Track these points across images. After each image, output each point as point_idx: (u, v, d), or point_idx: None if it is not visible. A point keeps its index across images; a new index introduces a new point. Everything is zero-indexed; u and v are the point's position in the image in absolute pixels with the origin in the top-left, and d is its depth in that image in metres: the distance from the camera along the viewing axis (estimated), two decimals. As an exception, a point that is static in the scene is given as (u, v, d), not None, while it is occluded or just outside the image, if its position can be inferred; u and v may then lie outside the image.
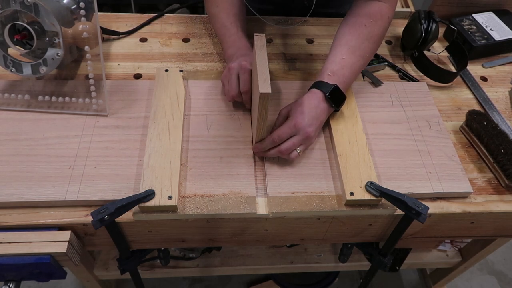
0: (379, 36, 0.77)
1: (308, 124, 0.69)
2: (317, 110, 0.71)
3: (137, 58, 0.91)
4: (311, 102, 0.71)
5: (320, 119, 0.72)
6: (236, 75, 0.76)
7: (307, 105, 0.70)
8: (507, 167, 0.72)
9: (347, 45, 0.75)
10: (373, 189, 0.66)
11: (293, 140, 0.69)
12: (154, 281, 1.42)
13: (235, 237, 0.75)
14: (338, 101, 0.73)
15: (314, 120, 0.70)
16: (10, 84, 0.81)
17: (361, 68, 0.77)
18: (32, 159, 0.70)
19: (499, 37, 0.98)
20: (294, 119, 0.69)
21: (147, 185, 0.65)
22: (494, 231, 0.80)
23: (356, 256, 1.14)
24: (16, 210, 0.66)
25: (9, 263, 0.63)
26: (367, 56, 0.77)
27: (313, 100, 0.71)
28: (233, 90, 0.76)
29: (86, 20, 0.73)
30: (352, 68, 0.75)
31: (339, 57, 0.75)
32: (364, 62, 0.77)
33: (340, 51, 0.75)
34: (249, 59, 0.76)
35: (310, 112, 0.70)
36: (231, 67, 0.76)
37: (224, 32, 0.85)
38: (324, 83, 0.72)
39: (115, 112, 0.79)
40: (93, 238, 0.71)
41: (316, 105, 0.71)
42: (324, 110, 0.72)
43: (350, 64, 0.74)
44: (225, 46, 0.84)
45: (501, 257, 1.57)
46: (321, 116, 0.72)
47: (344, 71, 0.74)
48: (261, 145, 0.71)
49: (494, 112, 0.86)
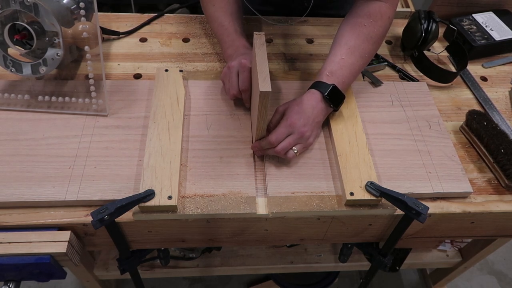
0: (379, 36, 0.77)
1: (303, 124, 0.69)
2: (314, 111, 0.71)
3: (137, 58, 0.91)
4: (309, 103, 0.71)
5: (317, 119, 0.72)
6: (236, 73, 0.76)
7: (304, 105, 0.70)
8: (507, 167, 0.72)
9: (347, 45, 0.75)
10: (373, 189, 0.66)
11: (289, 139, 0.69)
12: (154, 281, 1.42)
13: (235, 237, 0.75)
14: (336, 101, 0.73)
15: (309, 120, 0.70)
16: (10, 84, 0.81)
17: (360, 68, 0.77)
18: (32, 159, 0.70)
19: (499, 37, 0.98)
20: (290, 118, 0.69)
21: (147, 185, 0.65)
22: (494, 231, 0.80)
23: (356, 256, 1.14)
24: (16, 210, 0.66)
25: (9, 263, 0.63)
26: (366, 56, 0.76)
27: (311, 101, 0.71)
28: (234, 88, 0.76)
29: (86, 20, 0.73)
30: (351, 68, 0.75)
31: (338, 57, 0.75)
32: (364, 62, 0.77)
33: (340, 51, 0.75)
34: (248, 58, 0.76)
35: (306, 112, 0.70)
36: (231, 66, 0.76)
37: (222, 32, 0.84)
38: (323, 83, 0.72)
39: (115, 112, 0.79)
40: (93, 238, 0.70)
41: (314, 105, 0.71)
42: (322, 110, 0.72)
43: (349, 64, 0.74)
44: (224, 46, 0.84)
45: (501, 257, 1.57)
46: (318, 116, 0.72)
47: (343, 71, 0.74)
48: (259, 144, 0.71)
49: (494, 112, 0.86)
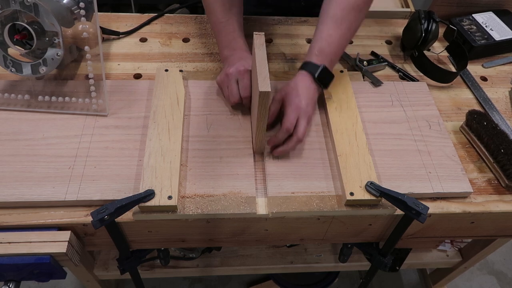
0: (365, 2, 0.77)
1: (306, 104, 0.72)
2: (310, 91, 0.74)
3: (137, 58, 0.91)
4: (303, 84, 0.74)
5: (314, 98, 0.76)
6: (235, 80, 0.76)
7: (300, 88, 0.73)
8: (507, 167, 0.72)
9: (333, 18, 0.76)
10: (373, 189, 0.66)
11: (302, 123, 0.72)
12: (154, 281, 1.42)
13: (235, 237, 0.75)
14: (326, 82, 0.77)
15: (310, 100, 0.74)
16: (10, 84, 0.81)
17: (348, 40, 0.78)
18: (32, 159, 0.70)
19: (499, 37, 0.98)
20: (293, 103, 0.72)
21: (147, 185, 0.65)
22: (494, 231, 0.80)
23: (356, 256, 1.14)
24: (16, 210, 0.66)
25: (9, 263, 0.63)
26: (353, 27, 0.78)
27: (305, 82, 0.74)
28: (234, 96, 0.76)
29: (86, 20, 0.73)
30: (339, 43, 0.77)
31: (325, 33, 0.76)
32: (351, 34, 0.79)
33: (326, 26, 0.76)
34: (246, 63, 0.76)
35: (304, 93, 0.73)
36: (229, 73, 0.76)
37: (220, 29, 0.83)
38: (313, 64, 0.75)
39: (115, 112, 0.79)
40: (93, 238, 0.70)
41: (308, 86, 0.74)
42: (315, 90, 0.76)
43: (337, 39, 0.76)
44: (221, 45, 0.84)
45: (501, 257, 1.57)
46: (314, 95, 0.76)
47: (331, 48, 0.76)
48: (276, 138, 0.72)
49: (494, 112, 0.86)
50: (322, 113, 0.82)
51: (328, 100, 0.81)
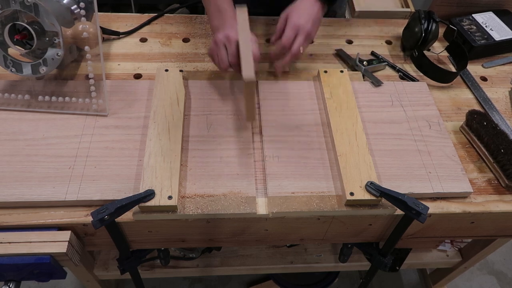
0: None
1: (305, 20, 0.76)
2: (313, 8, 0.78)
3: (137, 58, 0.91)
4: (306, 3, 0.79)
5: (317, 16, 0.80)
6: (223, 47, 0.76)
7: (303, 7, 0.78)
8: (507, 167, 0.72)
9: None
10: (373, 189, 0.66)
11: (299, 39, 0.76)
12: (154, 281, 1.42)
13: (235, 237, 0.75)
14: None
15: (310, 17, 0.77)
16: (10, 84, 0.81)
17: None
18: (32, 159, 0.70)
19: (499, 37, 0.98)
20: (293, 21, 0.76)
21: (147, 185, 0.65)
22: (494, 231, 0.80)
23: (356, 256, 1.14)
24: (16, 210, 0.66)
25: (9, 263, 0.63)
26: None
27: (308, 1, 0.79)
28: (224, 63, 0.77)
29: (86, 20, 0.73)
30: None
31: None
32: None
33: None
34: (234, 29, 0.76)
35: (306, 10, 0.77)
36: (218, 40, 0.77)
37: (209, 1, 0.83)
38: None
39: (115, 112, 0.79)
40: (93, 238, 0.71)
41: (312, 3, 0.79)
42: (320, 7, 0.80)
43: None
44: (211, 17, 0.83)
45: (501, 257, 1.57)
46: (318, 14, 0.79)
47: None
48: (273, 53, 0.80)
49: (494, 112, 0.86)
50: (322, 113, 0.82)
51: (328, 100, 0.81)
